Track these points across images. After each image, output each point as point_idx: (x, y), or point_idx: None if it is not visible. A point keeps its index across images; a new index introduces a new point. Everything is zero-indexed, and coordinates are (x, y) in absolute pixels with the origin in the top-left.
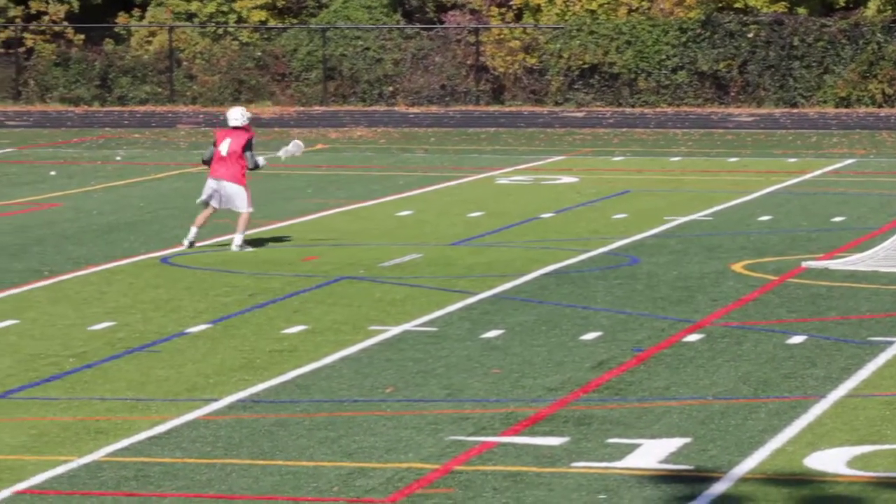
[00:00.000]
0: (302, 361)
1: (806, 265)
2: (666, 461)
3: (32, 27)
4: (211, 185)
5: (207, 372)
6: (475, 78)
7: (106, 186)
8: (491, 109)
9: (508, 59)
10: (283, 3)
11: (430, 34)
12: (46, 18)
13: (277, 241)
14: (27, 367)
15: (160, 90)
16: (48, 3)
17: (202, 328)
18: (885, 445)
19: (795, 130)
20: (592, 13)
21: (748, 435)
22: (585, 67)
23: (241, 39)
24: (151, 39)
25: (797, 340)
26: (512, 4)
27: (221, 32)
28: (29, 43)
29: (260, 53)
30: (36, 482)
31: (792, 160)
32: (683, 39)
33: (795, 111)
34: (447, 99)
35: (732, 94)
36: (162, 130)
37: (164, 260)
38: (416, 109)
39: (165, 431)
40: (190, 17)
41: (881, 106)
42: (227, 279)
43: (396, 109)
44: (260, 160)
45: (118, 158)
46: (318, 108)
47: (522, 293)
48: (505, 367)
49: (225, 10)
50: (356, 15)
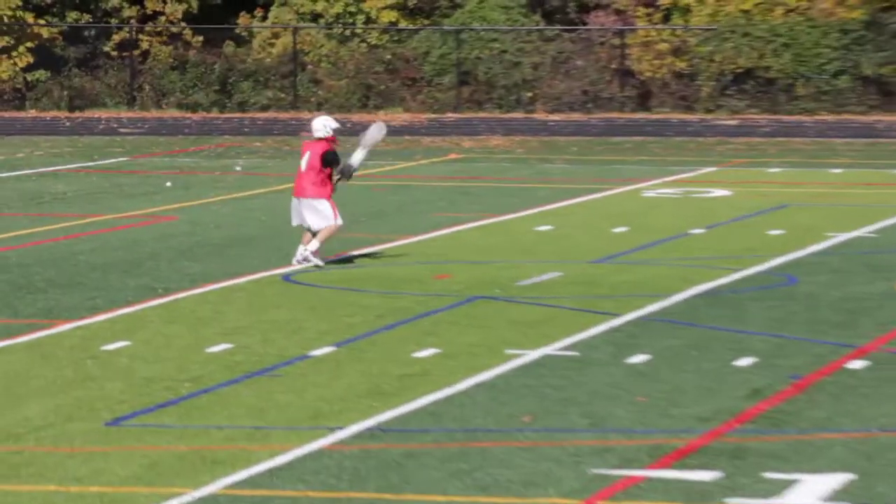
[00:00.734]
0: (433, 387)
1: None
2: (828, 498)
3: (148, 28)
4: (293, 204)
5: (331, 398)
6: (620, 83)
7: (224, 198)
8: (636, 117)
9: (656, 62)
10: (414, 3)
11: (571, 36)
12: (163, 19)
13: (407, 257)
14: (140, 391)
15: (283, 96)
16: (165, 2)
17: (326, 351)
18: None
19: None
20: (746, 13)
21: None
22: (739, 72)
23: (369, 41)
24: (274, 41)
25: None
26: (660, 4)
27: (349, 34)
28: (144, 45)
29: (389, 56)
30: None
31: None
32: (845, 41)
33: None
34: (589, 105)
35: None
36: (285, 139)
37: (286, 277)
38: (556, 117)
39: (287, 462)
40: (315, 17)
41: None
42: (353, 298)
43: (535, 117)
44: (354, 160)
45: (238, 168)
46: (451, 115)
47: (671, 315)
48: (652, 394)
49: (353, 10)
50: (492, 16)
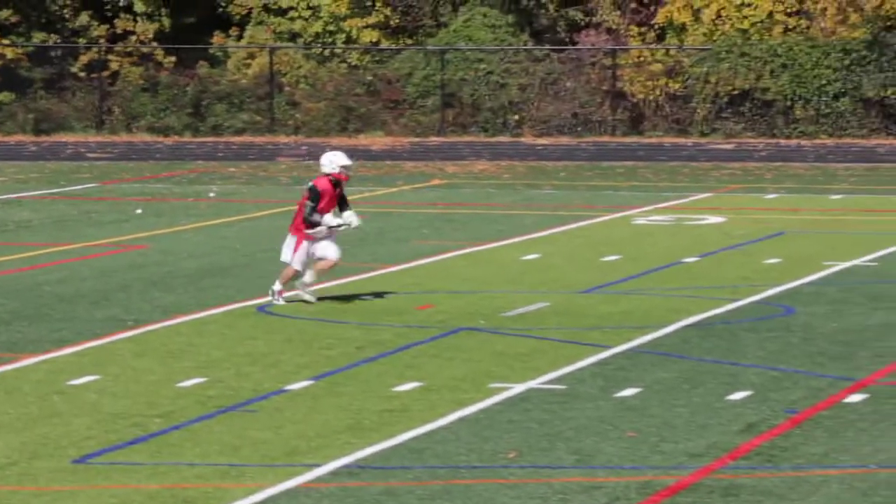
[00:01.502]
0: (415, 422)
1: None
2: None
3: (118, 48)
4: None
5: (309, 434)
6: (611, 105)
7: (198, 226)
8: (628, 141)
9: (649, 84)
10: (396, 22)
11: (560, 56)
12: (134, 39)
13: (388, 287)
14: (108, 428)
15: (259, 119)
16: (136, 21)
17: (303, 385)
18: None
19: None
20: (744, 33)
21: None
22: (735, 94)
23: (349, 62)
24: (250, 62)
25: None
26: (653, 23)
27: (328, 54)
28: (114, 66)
29: (371, 78)
30: None
31: None
32: (846, 62)
33: None
34: (579, 129)
35: None
36: (261, 164)
37: (261, 309)
38: (544, 140)
39: (261, 501)
40: (293, 37)
41: None
42: (331, 330)
43: (522, 140)
44: (318, 217)
45: (211, 195)
46: (434, 138)
47: (662, 347)
48: (642, 429)
49: (332, 29)
50: (478, 35)
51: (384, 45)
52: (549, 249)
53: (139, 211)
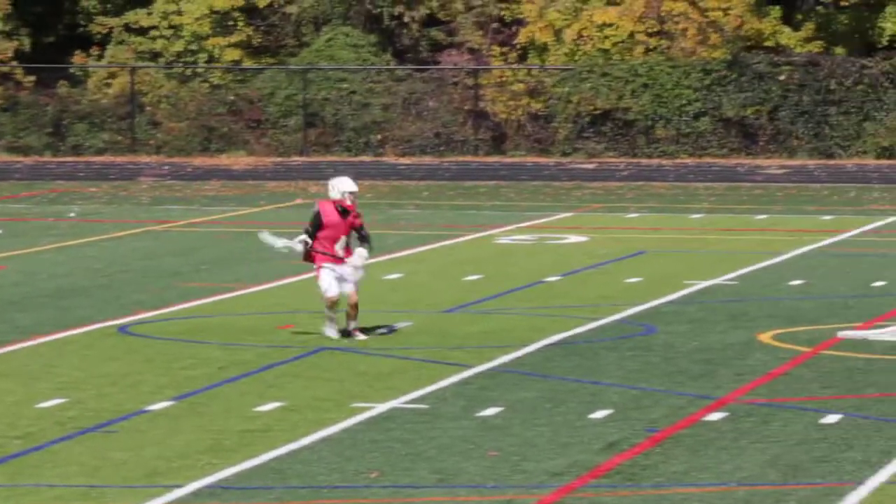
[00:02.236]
0: (277, 443)
1: (842, 335)
2: None
3: None
4: None
5: (169, 455)
6: (473, 125)
7: (58, 246)
8: (491, 160)
9: (511, 104)
10: (259, 41)
11: (423, 76)
12: None
13: (251, 307)
14: None
15: (120, 138)
16: None
17: (164, 405)
18: None
19: (831, 184)
20: (605, 53)
21: None
22: (597, 113)
23: (211, 81)
24: (111, 82)
25: (832, 420)
26: (515, 43)
27: (190, 74)
28: None
29: (233, 97)
30: None
31: (827, 218)
32: (707, 82)
33: (832, 163)
34: (442, 148)
35: (761, 143)
36: (122, 183)
37: (122, 329)
38: (407, 160)
39: None
40: (154, 56)
41: None
42: (192, 350)
43: (385, 160)
44: (281, 242)
45: (72, 215)
46: (297, 158)
47: (524, 366)
48: (503, 449)
49: (194, 48)
50: (341, 55)
51: (246, 64)
52: (412, 269)
53: None
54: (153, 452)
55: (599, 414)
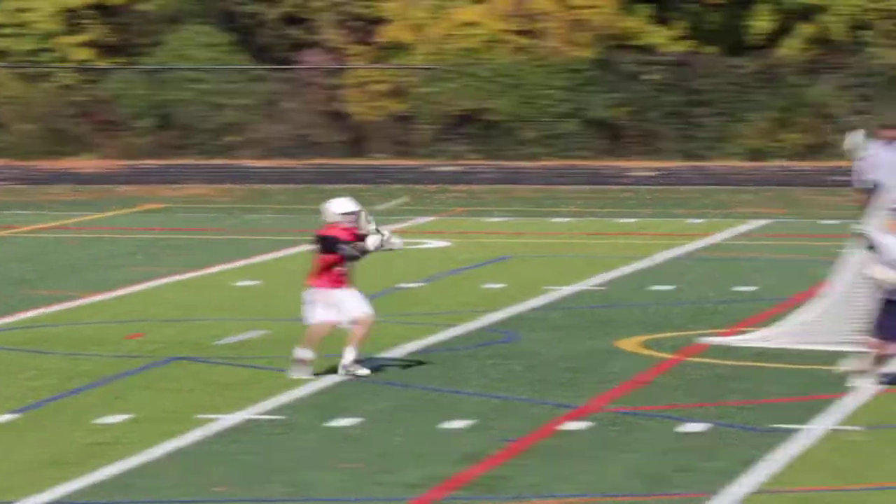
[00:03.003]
0: (123, 456)
1: (708, 342)
2: None
3: None
4: None
5: (10, 470)
6: (333, 127)
7: None
8: (350, 163)
9: (371, 104)
10: (112, 40)
11: (281, 76)
12: None
13: (98, 315)
14: None
15: None
16: None
17: (6, 418)
18: None
19: (700, 187)
20: (470, 52)
21: None
22: (460, 115)
23: (61, 81)
24: None
25: (695, 428)
26: (376, 42)
27: (38, 73)
28: None
29: (83, 98)
30: None
31: (696, 221)
32: (575, 82)
33: (700, 165)
34: (300, 151)
35: (629, 145)
36: None
37: None
38: (263, 163)
39: None
40: (0, 55)
41: (798, 159)
42: (37, 361)
43: (241, 163)
44: (360, 245)
45: None
46: (149, 161)
47: (382, 375)
48: (359, 460)
49: (44, 47)
50: (195, 54)
51: (97, 63)
52: (268, 275)
53: None
54: None
55: (458, 424)
